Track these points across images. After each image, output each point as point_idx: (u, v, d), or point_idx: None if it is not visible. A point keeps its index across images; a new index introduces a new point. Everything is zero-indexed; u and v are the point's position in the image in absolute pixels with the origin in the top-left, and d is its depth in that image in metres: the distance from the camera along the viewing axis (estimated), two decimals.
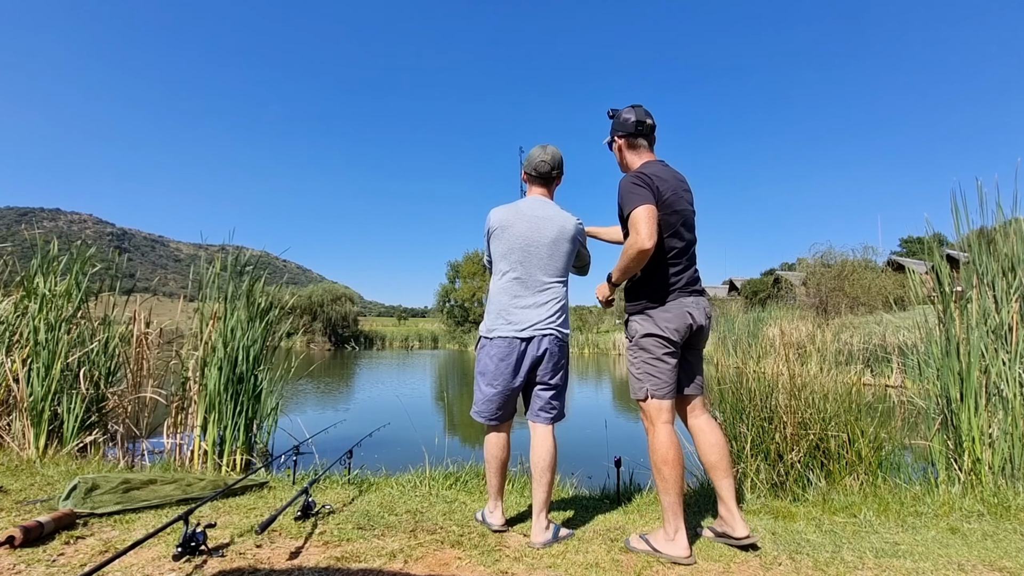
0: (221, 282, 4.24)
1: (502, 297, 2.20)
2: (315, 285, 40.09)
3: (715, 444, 2.08)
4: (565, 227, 2.22)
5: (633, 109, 2.19)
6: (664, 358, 2.04)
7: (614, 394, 12.12)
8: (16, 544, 1.78)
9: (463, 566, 1.82)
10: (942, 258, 3.41)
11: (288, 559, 1.82)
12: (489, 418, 2.20)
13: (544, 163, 2.27)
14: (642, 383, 2.06)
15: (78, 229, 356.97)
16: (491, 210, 2.27)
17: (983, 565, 1.94)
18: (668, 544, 1.93)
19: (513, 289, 2.18)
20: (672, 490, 1.95)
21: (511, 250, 2.19)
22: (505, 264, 2.21)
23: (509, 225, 2.20)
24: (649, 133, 2.20)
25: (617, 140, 2.25)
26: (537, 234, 2.18)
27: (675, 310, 2.04)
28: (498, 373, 2.15)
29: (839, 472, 3.02)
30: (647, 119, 2.18)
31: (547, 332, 2.15)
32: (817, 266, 21.72)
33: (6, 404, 3.50)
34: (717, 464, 2.06)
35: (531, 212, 2.22)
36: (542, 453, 2.11)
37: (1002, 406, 2.94)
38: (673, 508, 1.95)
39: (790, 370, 3.32)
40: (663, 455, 1.97)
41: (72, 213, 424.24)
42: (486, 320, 2.25)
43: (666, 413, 2.03)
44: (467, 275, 44.54)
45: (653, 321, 2.05)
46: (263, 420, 4.12)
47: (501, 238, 2.21)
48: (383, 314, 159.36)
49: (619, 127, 2.22)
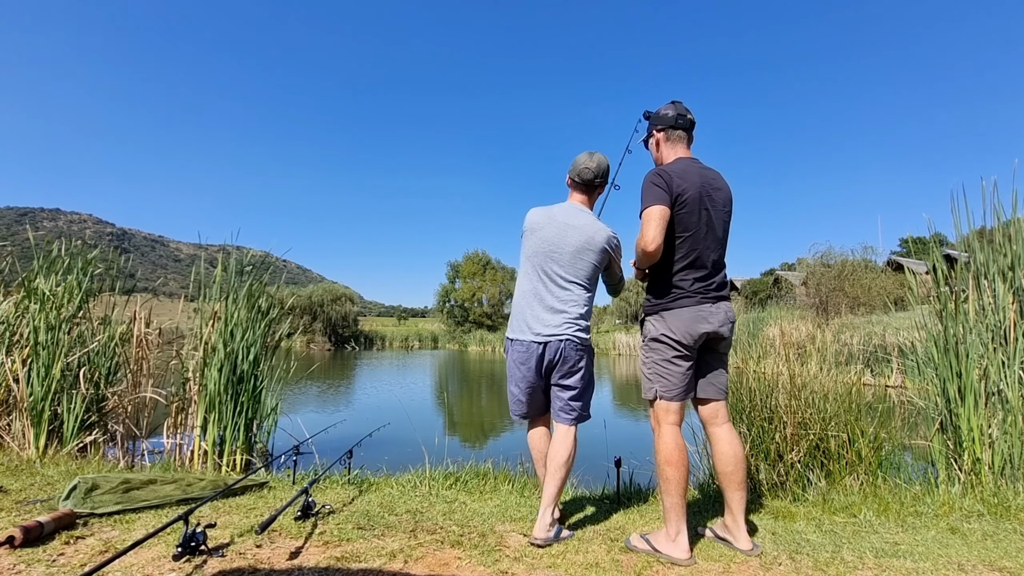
0: (221, 282, 4.24)
1: (522, 300, 2.26)
2: (315, 285, 40.11)
3: (732, 456, 2.04)
4: (594, 238, 2.20)
5: (673, 105, 2.18)
6: (675, 361, 2.01)
7: (614, 394, 12.12)
8: (16, 544, 1.78)
9: (463, 566, 1.82)
10: (941, 258, 3.41)
11: (288, 559, 1.82)
12: (520, 415, 2.30)
13: (588, 170, 2.27)
14: (652, 383, 2.05)
15: (78, 229, 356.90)
16: (529, 210, 2.32)
17: (983, 565, 1.94)
18: (669, 545, 1.91)
19: (534, 292, 2.23)
20: (675, 491, 1.93)
21: (536, 253, 2.24)
22: (529, 266, 2.27)
23: (539, 228, 2.24)
24: (688, 128, 2.17)
25: (655, 135, 2.23)
26: (562, 240, 2.20)
27: (690, 315, 2.00)
28: (519, 375, 2.23)
29: (839, 472, 3.02)
30: (687, 114, 2.16)
31: (564, 337, 2.16)
32: (817, 266, 21.70)
33: (6, 404, 3.50)
34: (731, 475, 2.03)
35: (562, 219, 2.23)
36: (559, 449, 2.14)
37: (1002, 406, 2.94)
38: (675, 509, 1.93)
39: (790, 370, 3.32)
40: (667, 455, 1.96)
41: (72, 213, 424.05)
42: (510, 322, 2.31)
43: (673, 415, 2.01)
44: (467, 275, 44.54)
45: (666, 323, 2.03)
46: (263, 420, 4.12)
47: (530, 240, 2.26)
48: (383, 314, 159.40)
49: (657, 121, 2.21)
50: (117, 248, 5.05)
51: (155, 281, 6.06)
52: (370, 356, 26.98)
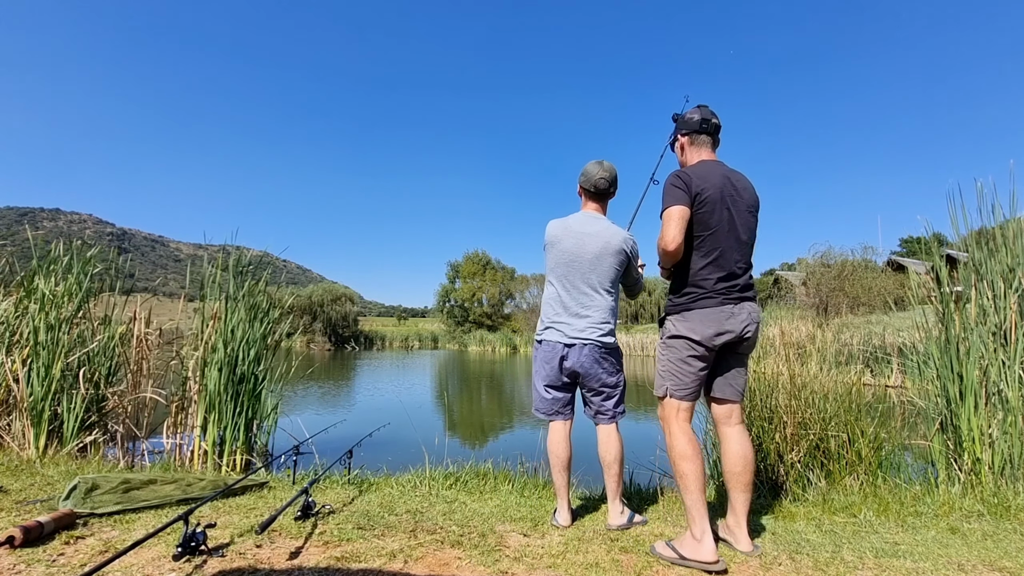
0: (222, 282, 4.24)
1: (548, 306, 2.40)
2: (315, 285, 40.11)
3: (741, 457, 2.04)
4: (611, 242, 2.30)
5: (699, 109, 2.21)
6: (689, 361, 2.01)
7: None
8: (16, 544, 1.78)
9: (463, 566, 1.82)
10: (941, 258, 3.41)
11: (288, 559, 1.82)
12: (545, 413, 2.39)
13: (604, 180, 2.37)
14: (664, 381, 2.06)
15: (78, 229, 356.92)
16: (548, 223, 2.43)
17: (983, 565, 1.94)
18: (695, 549, 1.86)
19: (559, 300, 2.35)
20: (693, 487, 1.90)
21: (558, 264, 2.36)
22: (553, 277, 2.40)
23: (558, 240, 2.36)
24: (714, 132, 2.19)
25: (680, 139, 2.25)
26: (581, 250, 2.31)
27: (711, 316, 1.99)
28: (545, 374, 2.35)
29: (839, 472, 3.02)
30: (712, 118, 2.18)
31: (587, 341, 2.27)
32: (817, 266, 21.72)
33: (6, 404, 3.50)
34: (739, 476, 2.03)
35: (578, 228, 2.34)
36: (608, 448, 2.30)
37: (1002, 406, 2.94)
38: (696, 508, 1.89)
39: (790, 370, 3.32)
40: (681, 451, 1.94)
41: (72, 213, 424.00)
42: (538, 326, 2.45)
43: (684, 413, 2.01)
44: (467, 275, 44.56)
45: (685, 323, 2.02)
46: (263, 420, 4.12)
47: (551, 253, 2.39)
48: (383, 314, 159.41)
49: (683, 125, 2.23)
50: (117, 248, 5.05)
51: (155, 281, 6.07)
52: (370, 356, 26.99)
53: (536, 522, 2.31)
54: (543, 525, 2.28)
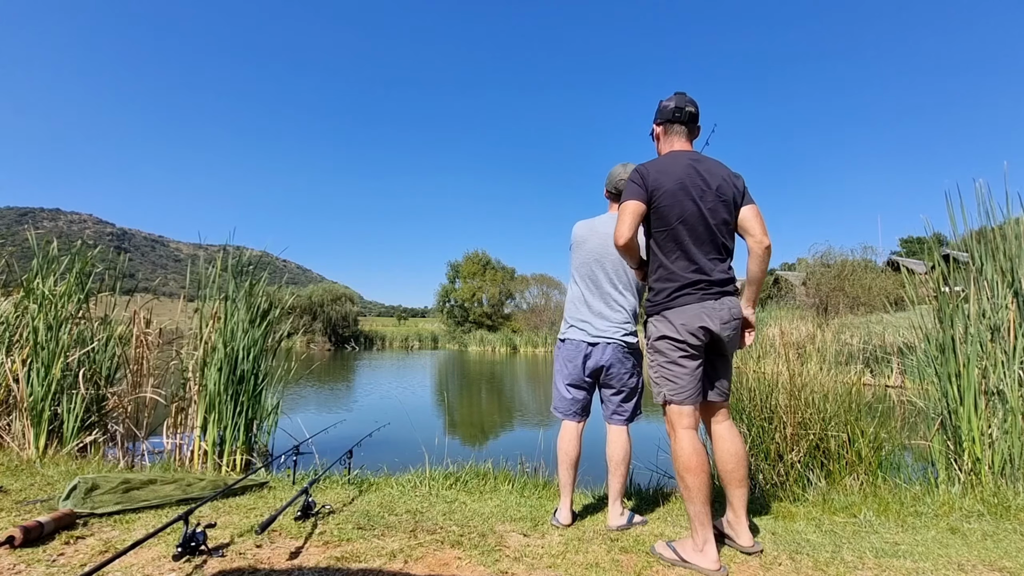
0: (221, 282, 4.24)
1: (572, 306, 2.43)
2: (315, 285, 40.07)
3: (733, 453, 2.01)
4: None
5: (675, 96, 2.13)
6: (680, 361, 1.93)
7: None
8: (16, 544, 1.78)
9: (463, 566, 1.82)
10: (941, 258, 3.41)
11: (288, 559, 1.82)
12: (564, 413, 2.40)
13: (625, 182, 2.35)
14: (660, 387, 1.98)
15: (78, 229, 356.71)
16: (575, 224, 2.48)
17: (983, 565, 1.94)
18: (697, 555, 1.85)
19: (583, 300, 2.39)
20: (697, 498, 1.87)
21: (583, 264, 2.40)
22: (577, 276, 2.43)
23: (584, 241, 2.40)
24: (688, 121, 2.10)
25: (655, 128, 2.20)
26: (606, 250, 2.34)
27: (690, 312, 1.93)
28: (568, 372, 2.37)
29: (839, 472, 3.03)
30: (687, 107, 2.09)
31: (611, 340, 2.30)
32: (817, 266, 21.71)
33: (6, 404, 3.50)
34: (733, 473, 2.00)
35: (604, 229, 2.37)
36: (616, 448, 2.31)
37: (1001, 406, 2.94)
38: (700, 517, 1.86)
39: (790, 370, 3.32)
40: (685, 462, 1.88)
41: (72, 213, 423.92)
42: (561, 326, 2.49)
43: (687, 418, 1.93)
44: (467, 275, 44.53)
45: (667, 322, 1.96)
46: (263, 420, 4.12)
47: (577, 252, 2.43)
48: (383, 314, 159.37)
49: (658, 114, 2.17)
50: (117, 248, 5.06)
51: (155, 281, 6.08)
52: (370, 356, 26.98)
53: (536, 522, 2.31)
54: (543, 525, 2.28)
